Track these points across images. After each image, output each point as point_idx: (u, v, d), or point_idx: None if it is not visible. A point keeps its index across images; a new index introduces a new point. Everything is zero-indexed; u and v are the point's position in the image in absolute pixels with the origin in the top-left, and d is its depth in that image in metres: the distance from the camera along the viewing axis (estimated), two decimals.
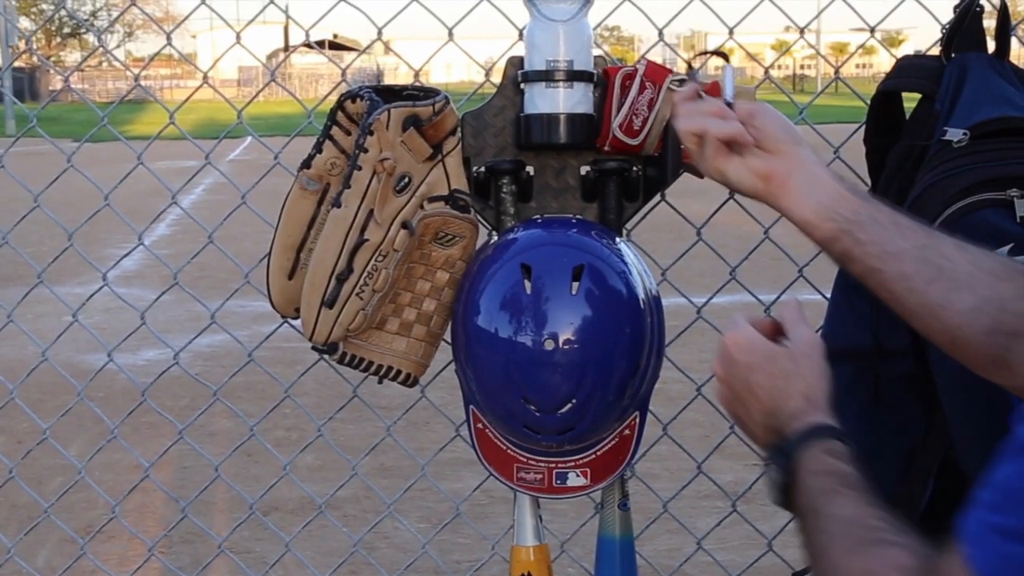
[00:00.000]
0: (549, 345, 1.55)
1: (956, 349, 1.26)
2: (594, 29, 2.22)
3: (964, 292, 1.23)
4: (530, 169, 1.83)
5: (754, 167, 1.35)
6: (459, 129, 1.76)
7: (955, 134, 1.61)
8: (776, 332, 1.32)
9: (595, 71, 1.78)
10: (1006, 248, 1.45)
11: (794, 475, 1.18)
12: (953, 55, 1.74)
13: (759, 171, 1.34)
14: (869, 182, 1.84)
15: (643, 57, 1.83)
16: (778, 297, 2.27)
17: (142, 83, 2.54)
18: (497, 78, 1.86)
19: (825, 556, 1.09)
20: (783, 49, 3.14)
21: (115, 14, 57.19)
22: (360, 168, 1.67)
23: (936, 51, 1.80)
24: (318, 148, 1.75)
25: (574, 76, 1.77)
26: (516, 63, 1.82)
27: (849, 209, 1.29)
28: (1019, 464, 0.92)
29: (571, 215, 1.83)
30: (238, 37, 2.26)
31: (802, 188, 1.32)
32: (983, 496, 0.94)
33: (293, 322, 1.84)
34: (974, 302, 1.22)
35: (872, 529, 1.06)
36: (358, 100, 1.73)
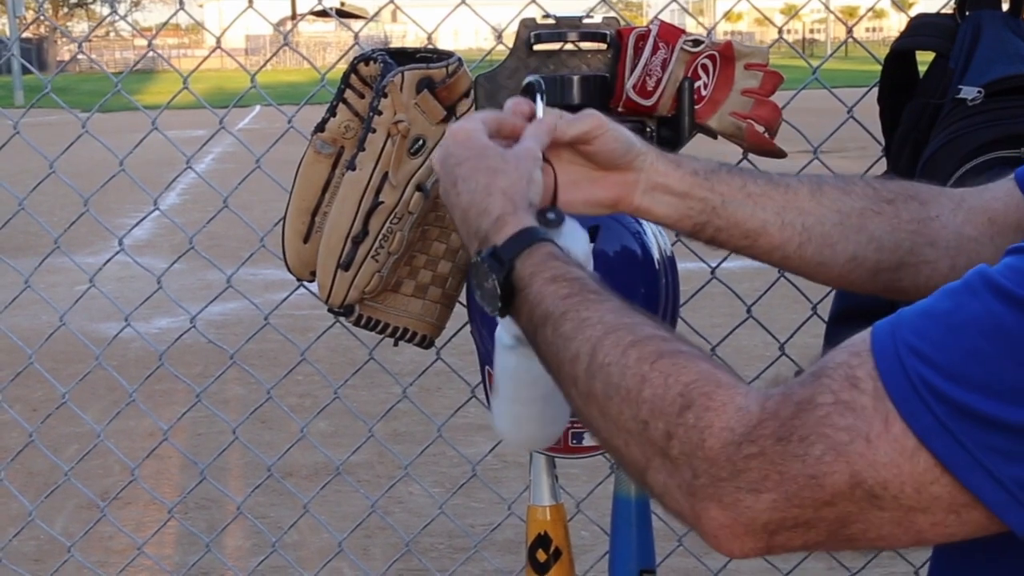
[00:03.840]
0: None
1: (851, 289, 1.25)
2: None
3: (838, 245, 1.21)
4: None
5: (598, 199, 1.24)
6: (472, 91, 1.76)
7: (969, 92, 1.61)
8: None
9: (608, 32, 1.77)
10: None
11: (515, 281, 1.05)
12: (967, 13, 1.73)
13: (604, 202, 1.24)
14: (883, 141, 1.84)
15: (656, 18, 1.83)
16: None
17: (153, 51, 2.54)
18: (509, 41, 1.86)
19: (601, 371, 0.95)
20: (792, 12, 3.13)
21: None
22: (374, 131, 1.68)
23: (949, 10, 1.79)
24: (332, 111, 1.75)
25: (587, 37, 1.77)
26: (529, 24, 1.81)
27: (700, 199, 1.23)
28: (955, 301, 0.82)
29: None
30: (251, 2, 2.26)
31: (649, 198, 1.24)
32: (907, 317, 0.85)
33: (308, 286, 1.85)
34: (851, 251, 1.21)
35: (663, 340, 0.95)
36: (371, 63, 1.73)
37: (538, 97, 1.23)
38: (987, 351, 0.79)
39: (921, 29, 1.78)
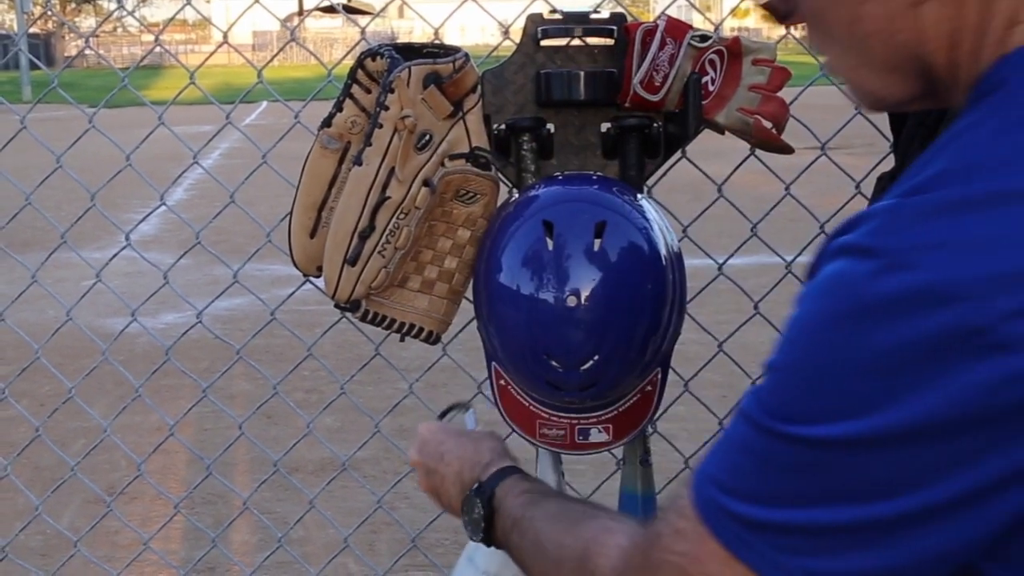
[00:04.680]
0: (571, 301, 1.55)
1: None
2: None
3: None
4: (550, 126, 1.82)
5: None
6: (479, 86, 1.76)
7: None
8: None
9: (615, 27, 1.77)
10: None
11: (494, 506, 1.30)
12: None
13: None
14: (891, 137, 1.83)
15: (663, 13, 1.83)
16: (796, 256, 2.27)
17: (160, 47, 2.54)
18: (516, 37, 1.86)
19: (541, 551, 1.17)
20: None
21: None
22: (381, 126, 1.67)
23: None
24: (338, 107, 1.75)
25: (594, 32, 1.76)
26: (536, 19, 1.81)
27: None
28: (731, 427, 0.96)
29: (592, 172, 1.83)
30: None
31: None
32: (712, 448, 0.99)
33: (315, 281, 1.85)
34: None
35: (582, 512, 1.16)
36: (378, 58, 1.72)
37: (469, 415, 1.59)
38: (746, 466, 0.90)
39: None
